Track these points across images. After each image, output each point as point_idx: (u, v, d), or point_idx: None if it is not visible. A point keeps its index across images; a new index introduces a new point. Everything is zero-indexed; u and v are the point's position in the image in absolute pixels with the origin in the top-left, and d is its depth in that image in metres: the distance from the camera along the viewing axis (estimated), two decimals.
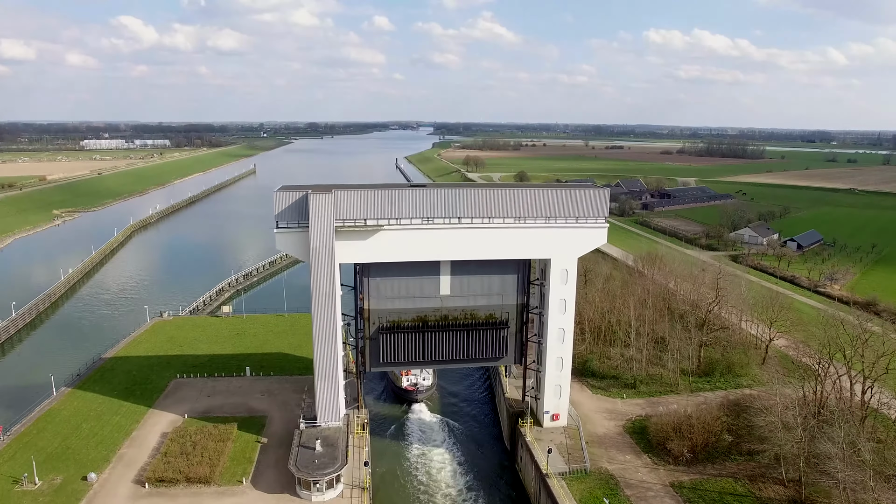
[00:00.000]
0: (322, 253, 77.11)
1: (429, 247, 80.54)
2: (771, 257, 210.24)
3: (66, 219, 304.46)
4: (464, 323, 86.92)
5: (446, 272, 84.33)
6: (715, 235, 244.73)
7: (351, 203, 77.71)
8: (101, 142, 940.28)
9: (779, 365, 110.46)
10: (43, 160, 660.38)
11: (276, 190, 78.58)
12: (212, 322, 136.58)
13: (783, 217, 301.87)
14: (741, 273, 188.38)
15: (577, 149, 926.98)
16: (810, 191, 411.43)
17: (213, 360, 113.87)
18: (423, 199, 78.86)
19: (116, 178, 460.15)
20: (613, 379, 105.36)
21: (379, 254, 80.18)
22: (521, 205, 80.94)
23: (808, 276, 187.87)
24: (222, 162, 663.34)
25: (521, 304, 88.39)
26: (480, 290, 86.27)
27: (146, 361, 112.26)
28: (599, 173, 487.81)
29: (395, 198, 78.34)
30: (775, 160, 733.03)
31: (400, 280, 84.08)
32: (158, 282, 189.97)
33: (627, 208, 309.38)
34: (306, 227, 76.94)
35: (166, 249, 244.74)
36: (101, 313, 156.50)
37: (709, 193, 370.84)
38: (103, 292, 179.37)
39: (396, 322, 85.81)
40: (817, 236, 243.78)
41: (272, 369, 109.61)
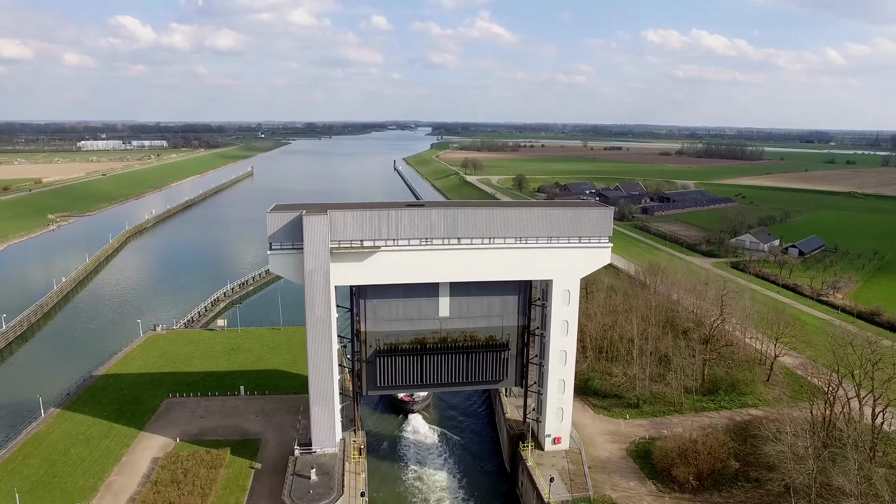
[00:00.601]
0: (317, 275, 74.75)
1: (427, 268, 78.20)
2: (773, 264, 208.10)
3: (61, 224, 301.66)
4: (463, 345, 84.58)
5: (445, 294, 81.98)
6: (716, 241, 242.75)
7: (347, 224, 75.37)
8: (98, 143, 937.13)
9: (784, 383, 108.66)
10: (39, 161, 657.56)
11: (270, 210, 76.16)
12: (206, 336, 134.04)
13: (784, 221, 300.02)
14: (743, 281, 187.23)
15: (575, 150, 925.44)
16: (810, 194, 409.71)
17: (207, 377, 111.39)
18: (421, 220, 76.51)
19: (112, 181, 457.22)
20: (616, 398, 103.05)
21: (376, 276, 77.82)
22: (523, 224, 78.63)
23: (811, 284, 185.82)
24: (219, 164, 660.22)
25: (522, 326, 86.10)
26: (480, 312, 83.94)
27: (138, 379, 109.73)
28: (598, 176, 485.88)
29: (392, 218, 76.00)
30: (774, 161, 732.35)
31: (397, 302, 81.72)
32: (153, 291, 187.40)
33: (627, 213, 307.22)
34: (300, 249, 74.62)
35: (162, 256, 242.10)
36: (95, 325, 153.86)
37: (708, 197, 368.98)
38: (97, 302, 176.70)
39: (394, 345, 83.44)
40: (819, 242, 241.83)
41: (267, 388, 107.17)
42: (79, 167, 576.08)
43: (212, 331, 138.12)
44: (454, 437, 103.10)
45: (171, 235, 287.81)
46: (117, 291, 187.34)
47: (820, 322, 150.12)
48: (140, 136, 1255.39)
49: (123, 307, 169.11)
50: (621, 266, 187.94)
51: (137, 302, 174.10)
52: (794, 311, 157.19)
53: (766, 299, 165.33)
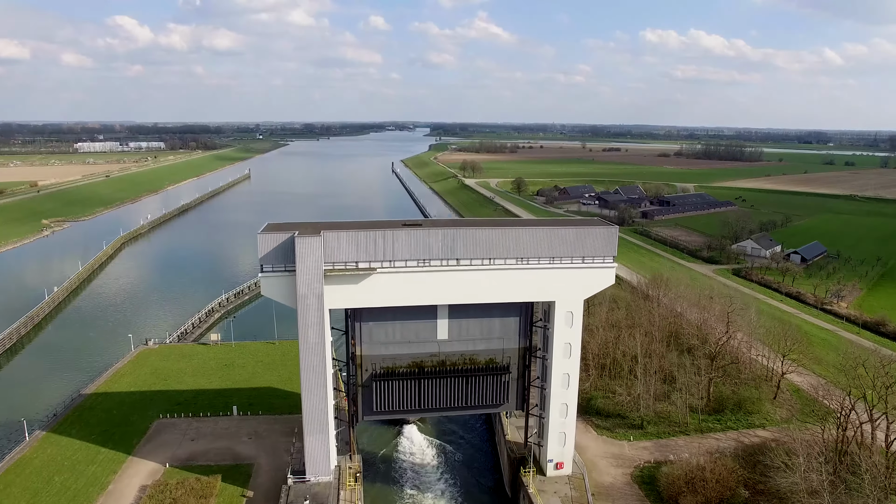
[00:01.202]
0: (310, 299, 71.79)
1: (425, 290, 75.29)
2: (775, 272, 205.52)
3: (56, 229, 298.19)
4: (462, 368, 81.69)
5: (443, 316, 79.06)
6: (717, 247, 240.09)
7: (341, 245, 72.43)
8: (95, 144, 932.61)
9: (792, 401, 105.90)
10: (35, 164, 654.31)
11: (261, 231, 73.19)
12: (199, 351, 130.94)
13: (784, 226, 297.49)
14: (746, 290, 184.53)
15: (574, 151, 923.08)
16: (810, 197, 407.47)
17: (199, 396, 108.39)
18: (419, 240, 73.59)
19: (108, 184, 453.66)
20: (619, 418, 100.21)
21: (372, 298, 74.88)
22: (524, 244, 75.72)
23: (814, 292, 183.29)
24: (217, 166, 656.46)
25: (524, 348, 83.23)
26: (480, 334, 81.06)
27: (128, 398, 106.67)
28: (597, 178, 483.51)
29: (388, 239, 73.07)
30: (773, 162, 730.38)
31: (394, 325, 78.81)
32: (146, 301, 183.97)
33: (627, 217, 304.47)
34: (293, 271, 71.66)
35: (156, 263, 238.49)
36: (86, 338, 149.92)
37: (708, 200, 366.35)
38: (90, 313, 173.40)
39: (391, 368, 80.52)
40: (821, 248, 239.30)
41: (260, 407, 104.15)
42: (75, 169, 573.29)
43: (205, 345, 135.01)
44: (452, 455, 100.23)
45: (167, 241, 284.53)
46: (110, 301, 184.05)
47: (825, 334, 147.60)
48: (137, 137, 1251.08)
49: (116, 318, 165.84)
50: (623, 276, 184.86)
51: (130, 313, 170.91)
52: (798, 322, 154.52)
53: (771, 310, 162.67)
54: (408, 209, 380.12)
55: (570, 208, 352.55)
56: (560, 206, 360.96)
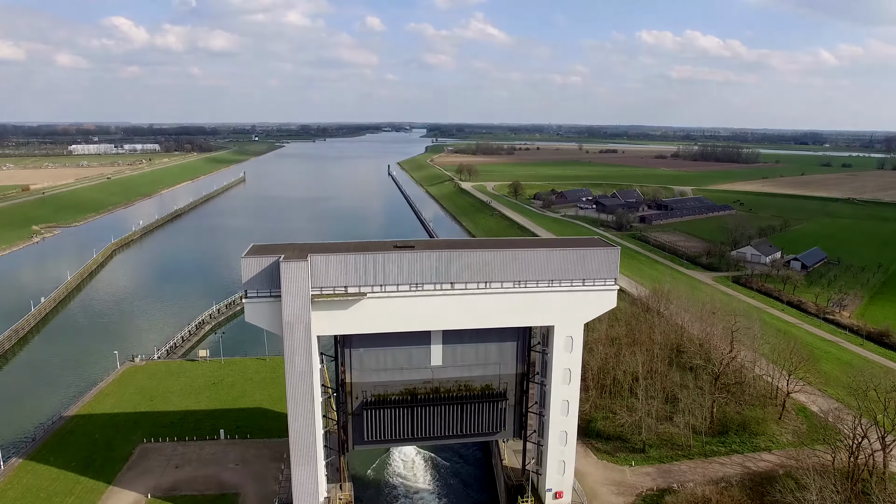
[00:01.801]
0: (297, 326, 68.25)
1: (418, 316, 71.80)
2: (776, 279, 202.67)
3: (46, 235, 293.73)
4: (457, 395, 78.20)
5: (437, 341, 75.59)
6: (716, 253, 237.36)
7: (329, 269, 68.91)
8: (90, 146, 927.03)
9: (798, 421, 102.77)
10: (28, 167, 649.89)
11: (245, 254, 69.61)
12: (187, 368, 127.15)
13: (783, 231, 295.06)
14: (747, 298, 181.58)
15: (571, 152, 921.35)
16: (808, 200, 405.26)
17: (186, 418, 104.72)
18: (411, 264, 70.12)
19: (101, 188, 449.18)
20: (620, 441, 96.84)
21: (362, 324, 71.35)
22: (521, 267, 72.28)
23: (816, 301, 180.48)
24: (211, 169, 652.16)
25: (521, 374, 79.81)
26: (476, 360, 77.59)
27: (111, 421, 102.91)
28: (594, 181, 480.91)
29: (378, 262, 69.58)
30: (770, 164, 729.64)
31: (385, 351, 75.30)
32: (135, 312, 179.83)
33: (625, 222, 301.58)
34: (279, 297, 68.10)
35: (147, 272, 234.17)
36: (71, 354, 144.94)
37: (706, 204, 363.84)
38: (77, 326, 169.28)
39: (382, 396, 77.02)
40: (821, 254, 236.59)
41: (249, 430, 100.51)
42: (68, 172, 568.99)
43: (193, 361, 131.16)
44: (447, 478, 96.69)
45: (159, 248, 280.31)
46: (98, 313, 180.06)
47: (829, 346, 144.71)
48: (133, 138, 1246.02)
49: (103, 332, 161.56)
50: (624, 285, 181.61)
51: (118, 326, 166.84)
52: (800, 334, 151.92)
53: (773, 321, 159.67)
54: (404, 214, 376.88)
55: (568, 212, 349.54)
56: (557, 210, 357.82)
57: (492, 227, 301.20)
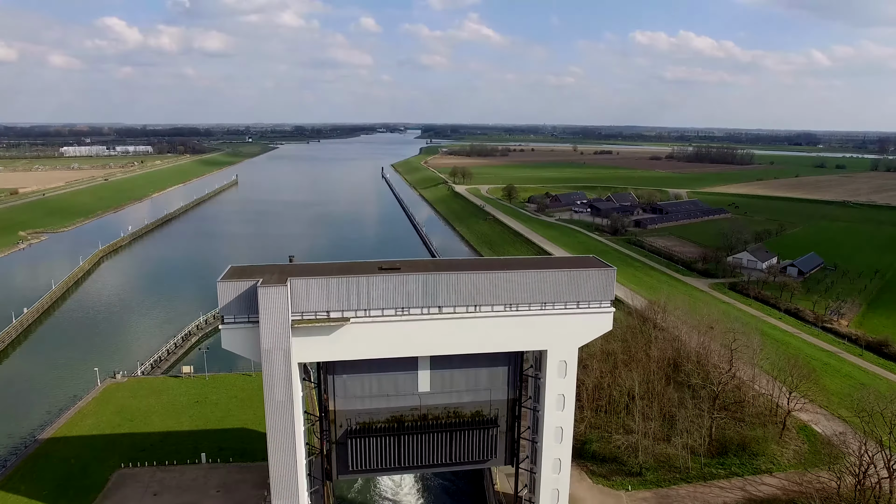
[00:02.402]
0: (275, 354, 64.78)
1: (404, 341, 68.44)
2: (773, 286, 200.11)
3: (32, 241, 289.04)
4: (446, 423, 74.85)
5: (425, 367, 72.24)
6: (712, 259, 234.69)
7: (310, 293, 65.47)
8: (81, 148, 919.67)
9: (799, 440, 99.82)
10: (18, 169, 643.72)
11: (221, 278, 66.10)
12: (170, 385, 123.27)
13: (779, 235, 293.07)
14: (744, 307, 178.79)
15: (565, 154, 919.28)
16: (803, 203, 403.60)
17: (167, 439, 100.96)
18: (396, 287, 66.75)
19: (91, 192, 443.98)
20: (616, 463, 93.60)
21: (345, 351, 67.92)
22: (513, 289, 68.98)
23: (813, 309, 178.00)
24: (204, 171, 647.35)
25: (513, 399, 76.50)
26: (465, 386, 74.28)
27: (89, 443, 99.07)
28: (589, 184, 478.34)
29: (362, 286, 66.18)
30: (764, 165, 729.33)
31: (370, 377, 71.90)
32: (120, 325, 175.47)
33: (620, 226, 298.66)
34: (257, 322, 64.61)
35: (133, 281, 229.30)
36: (51, 370, 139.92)
37: (701, 208, 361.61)
38: (58, 340, 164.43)
39: (367, 423, 73.60)
40: (817, 260, 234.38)
41: (232, 453, 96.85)
42: (59, 175, 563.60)
43: (177, 378, 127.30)
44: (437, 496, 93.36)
45: (147, 255, 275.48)
46: (82, 324, 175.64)
47: (828, 357, 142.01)
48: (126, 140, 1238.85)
49: (86, 345, 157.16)
50: (620, 294, 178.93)
51: (102, 338, 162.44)
52: (798, 344, 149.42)
53: (771, 330, 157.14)
54: (398, 219, 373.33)
55: (563, 216, 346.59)
56: (552, 213, 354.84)
57: (486, 232, 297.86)
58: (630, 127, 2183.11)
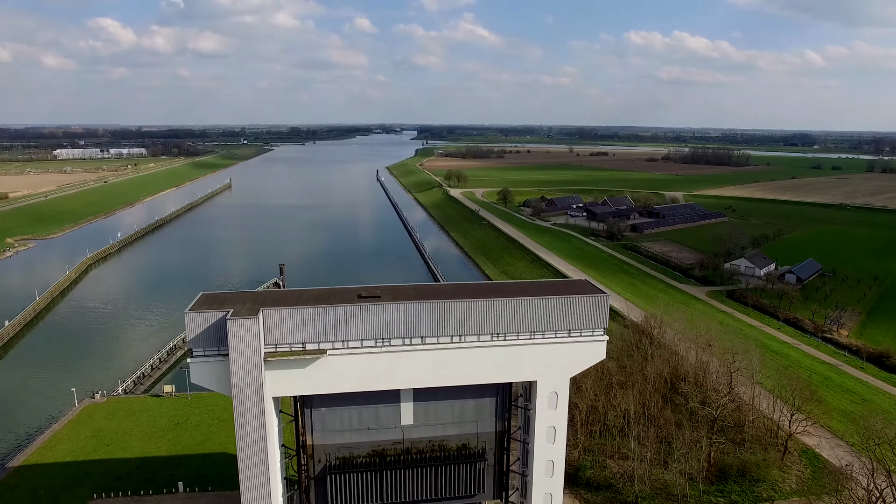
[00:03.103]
0: (246, 389, 60.81)
1: (385, 374, 64.54)
2: (771, 294, 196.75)
3: (20, 248, 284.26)
4: (431, 456, 70.96)
5: (408, 399, 68.39)
6: (709, 265, 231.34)
7: (284, 324, 61.54)
8: (75, 150, 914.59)
9: (801, 464, 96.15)
10: (10, 173, 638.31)
11: (189, 309, 62.10)
12: (150, 405, 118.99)
13: (777, 239, 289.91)
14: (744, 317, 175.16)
15: (561, 155, 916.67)
16: (801, 206, 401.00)
17: (143, 466, 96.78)
18: (377, 316, 62.88)
19: (82, 197, 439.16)
20: (611, 491, 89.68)
21: (323, 384, 63.99)
22: (500, 318, 65.16)
23: (812, 318, 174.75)
24: (198, 175, 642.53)
25: (501, 431, 72.65)
26: (451, 418, 70.41)
27: (60, 472, 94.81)
28: (585, 187, 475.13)
29: (339, 316, 62.29)
30: (760, 167, 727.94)
31: (350, 410, 68.02)
32: (105, 337, 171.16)
33: (616, 231, 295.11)
34: (228, 355, 60.63)
35: (121, 290, 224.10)
36: (28, 388, 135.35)
37: (698, 212, 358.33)
38: (39, 354, 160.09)
39: (347, 458, 69.69)
40: (816, 266, 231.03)
41: (211, 481, 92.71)
42: (51, 179, 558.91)
43: (158, 397, 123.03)
44: None
45: (135, 263, 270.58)
46: (66, 337, 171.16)
47: (829, 370, 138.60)
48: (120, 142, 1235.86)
49: (68, 360, 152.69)
50: (615, 305, 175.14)
51: (84, 352, 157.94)
52: (798, 357, 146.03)
53: (772, 342, 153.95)
54: (392, 225, 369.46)
55: (558, 220, 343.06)
56: (547, 217, 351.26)
57: (481, 238, 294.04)
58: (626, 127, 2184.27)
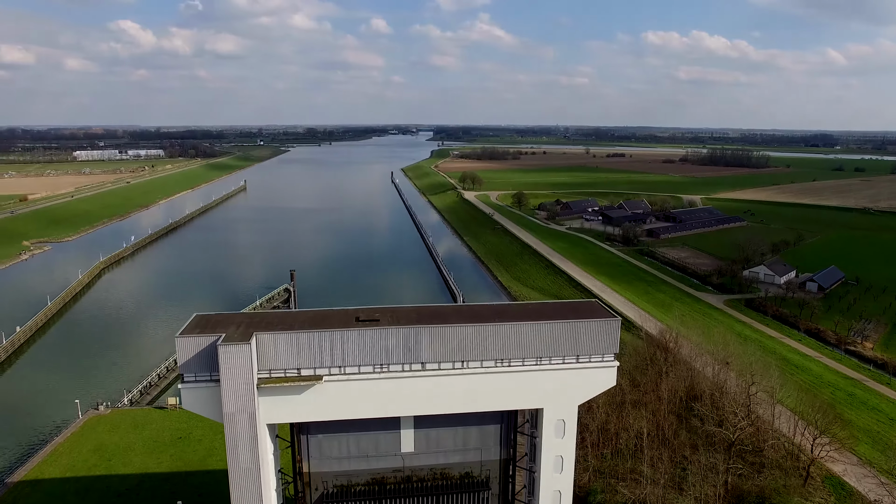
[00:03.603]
0: (239, 417, 58.31)
1: (384, 401, 61.72)
2: (791, 303, 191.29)
3: (35, 252, 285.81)
4: (432, 485, 68.05)
5: (409, 426, 65.51)
6: (728, 272, 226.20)
7: (278, 349, 58.99)
8: (94, 152, 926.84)
9: (823, 490, 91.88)
10: (31, 174, 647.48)
11: (180, 332, 59.74)
12: (154, 418, 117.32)
13: (797, 245, 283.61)
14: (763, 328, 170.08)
15: (578, 157, 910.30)
16: (822, 210, 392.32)
17: (143, 483, 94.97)
18: (375, 341, 60.07)
19: (98, 199, 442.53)
20: None
21: (319, 411, 61.32)
22: (504, 343, 62.06)
23: (835, 329, 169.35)
24: (213, 177, 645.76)
25: (506, 460, 69.53)
26: (453, 445, 67.44)
27: (59, 488, 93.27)
28: (601, 190, 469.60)
29: (336, 341, 59.59)
30: (780, 169, 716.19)
31: (349, 437, 65.35)
32: (113, 345, 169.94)
33: (632, 236, 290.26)
34: (219, 381, 58.18)
35: (132, 295, 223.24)
36: (34, 398, 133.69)
37: (716, 216, 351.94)
38: (48, 362, 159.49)
39: (345, 486, 67.00)
40: (838, 274, 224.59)
41: (213, 499, 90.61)
42: (69, 181, 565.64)
43: (162, 409, 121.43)
44: None
45: (148, 267, 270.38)
46: (75, 345, 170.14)
47: (854, 387, 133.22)
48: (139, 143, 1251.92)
49: (77, 368, 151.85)
50: (630, 315, 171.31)
51: (93, 361, 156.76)
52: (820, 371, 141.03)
53: (793, 355, 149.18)
54: (405, 228, 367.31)
55: (573, 224, 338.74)
56: (562, 222, 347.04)
57: (494, 243, 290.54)
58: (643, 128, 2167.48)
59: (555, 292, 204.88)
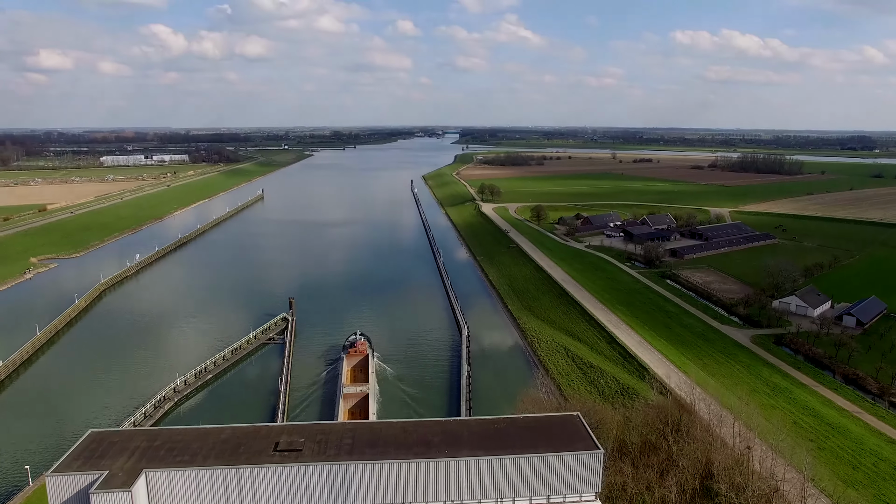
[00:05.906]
0: None
1: None
2: (826, 341, 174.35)
3: (40, 270, 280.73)
4: None
5: None
6: (755, 302, 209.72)
7: (174, 489, 47.63)
8: (120, 157, 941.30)
9: None
10: (56, 181, 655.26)
11: (51, 471, 48.68)
12: None
13: (832, 268, 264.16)
14: (794, 373, 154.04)
15: (603, 162, 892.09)
16: (860, 225, 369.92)
17: None
18: (294, 480, 48.34)
19: (113, 211, 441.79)
20: None
21: None
22: (460, 481, 49.68)
23: (877, 376, 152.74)
24: (231, 185, 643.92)
25: None
26: None
27: None
28: (625, 203, 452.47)
29: (245, 479, 47.96)
30: (815, 175, 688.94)
31: None
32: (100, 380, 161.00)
33: (654, 257, 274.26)
34: None
35: (126, 325, 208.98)
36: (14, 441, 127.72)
37: (745, 233, 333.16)
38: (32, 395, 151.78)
39: None
40: (880, 305, 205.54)
41: None
42: (92, 189, 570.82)
43: None
44: None
45: (148, 291, 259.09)
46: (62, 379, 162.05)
47: None
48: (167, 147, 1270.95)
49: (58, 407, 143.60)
50: (646, 359, 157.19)
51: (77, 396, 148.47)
52: (859, 433, 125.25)
53: (825, 409, 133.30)
54: (419, 245, 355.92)
55: (593, 241, 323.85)
56: (581, 238, 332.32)
57: (508, 265, 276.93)
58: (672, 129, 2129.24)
59: (566, 327, 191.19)
